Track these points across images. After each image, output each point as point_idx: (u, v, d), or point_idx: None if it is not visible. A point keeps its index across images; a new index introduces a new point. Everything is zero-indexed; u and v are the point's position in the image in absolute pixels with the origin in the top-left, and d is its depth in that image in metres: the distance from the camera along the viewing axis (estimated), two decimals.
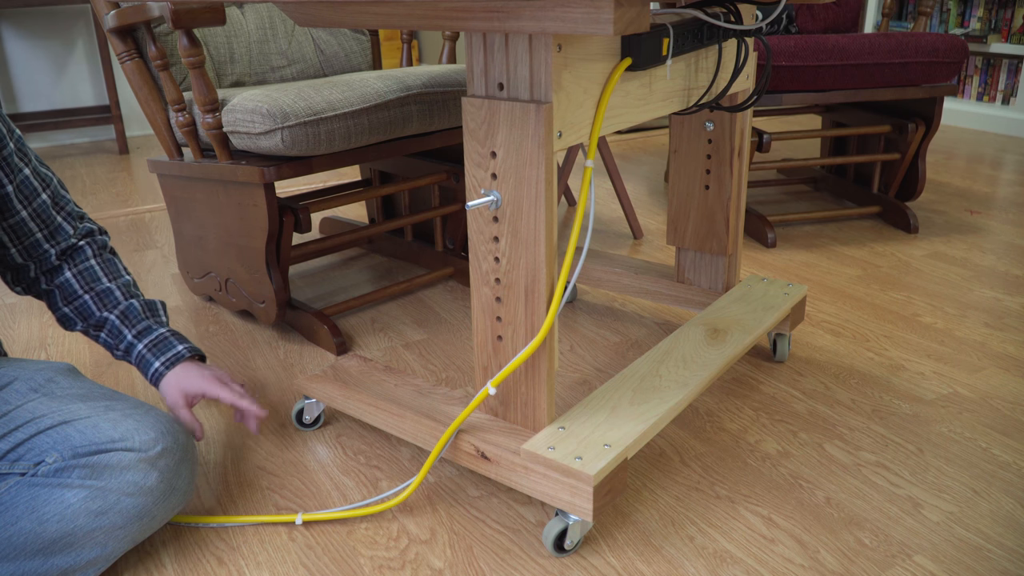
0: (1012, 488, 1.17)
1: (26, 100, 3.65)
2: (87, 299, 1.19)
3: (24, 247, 1.15)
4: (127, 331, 1.19)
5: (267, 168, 1.50)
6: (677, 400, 1.14)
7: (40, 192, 1.14)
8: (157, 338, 1.19)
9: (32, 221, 1.14)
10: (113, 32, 1.66)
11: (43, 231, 1.15)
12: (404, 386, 1.26)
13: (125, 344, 1.19)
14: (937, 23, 3.74)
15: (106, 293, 1.19)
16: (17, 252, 1.15)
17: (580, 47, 0.97)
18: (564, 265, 0.99)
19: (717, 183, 1.47)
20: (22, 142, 1.13)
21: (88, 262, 1.19)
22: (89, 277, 1.19)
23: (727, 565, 1.03)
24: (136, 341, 1.19)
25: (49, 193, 1.16)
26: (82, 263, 1.19)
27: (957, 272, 1.96)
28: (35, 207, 1.14)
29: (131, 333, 1.19)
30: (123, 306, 1.19)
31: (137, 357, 1.19)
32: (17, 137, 1.12)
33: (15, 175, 1.10)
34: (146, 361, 1.18)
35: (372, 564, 1.05)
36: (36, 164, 1.15)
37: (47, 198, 1.15)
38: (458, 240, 1.97)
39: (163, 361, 1.18)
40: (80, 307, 1.19)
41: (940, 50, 2.02)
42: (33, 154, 1.16)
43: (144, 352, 1.18)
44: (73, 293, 1.18)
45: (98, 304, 1.19)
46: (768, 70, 1.26)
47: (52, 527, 0.93)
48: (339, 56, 2.07)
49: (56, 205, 1.17)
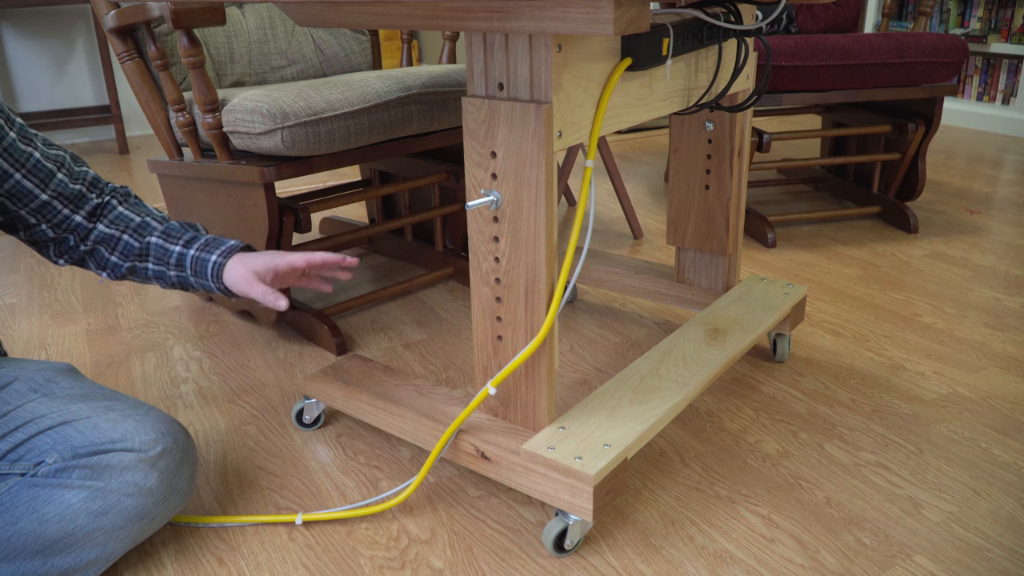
0: (1012, 488, 1.17)
1: (26, 100, 3.65)
2: (125, 238, 1.18)
3: (54, 224, 1.16)
4: (173, 246, 1.18)
5: (267, 168, 1.50)
6: (677, 400, 1.14)
7: (55, 172, 1.14)
8: (207, 240, 1.18)
9: (56, 201, 1.15)
10: (113, 32, 1.66)
11: (69, 207, 1.16)
12: (404, 386, 1.26)
13: (175, 257, 1.17)
14: (937, 23, 3.74)
15: (142, 226, 1.19)
16: (49, 228, 1.16)
17: (580, 47, 0.97)
18: (564, 265, 0.99)
19: (717, 183, 1.47)
20: (25, 129, 1.14)
21: (116, 210, 1.20)
22: (121, 221, 1.19)
23: (727, 565, 1.03)
24: (186, 249, 1.17)
25: (64, 172, 1.16)
26: (111, 212, 1.20)
27: (957, 272, 1.96)
28: (54, 187, 1.14)
29: (178, 245, 1.18)
30: (162, 228, 1.19)
31: (192, 261, 1.17)
32: (19, 126, 1.12)
33: (23, 162, 1.11)
34: (202, 261, 1.17)
35: (372, 564, 1.05)
36: (44, 148, 1.15)
37: (63, 177, 1.15)
38: (458, 240, 1.97)
39: (219, 253, 1.17)
40: (123, 248, 1.18)
41: (940, 50, 2.02)
42: (41, 138, 1.16)
43: (197, 254, 1.17)
44: (111, 238, 1.18)
45: (137, 236, 1.18)
46: (768, 70, 1.26)
47: (52, 527, 0.93)
48: (339, 56, 2.07)
49: (74, 179, 1.17)
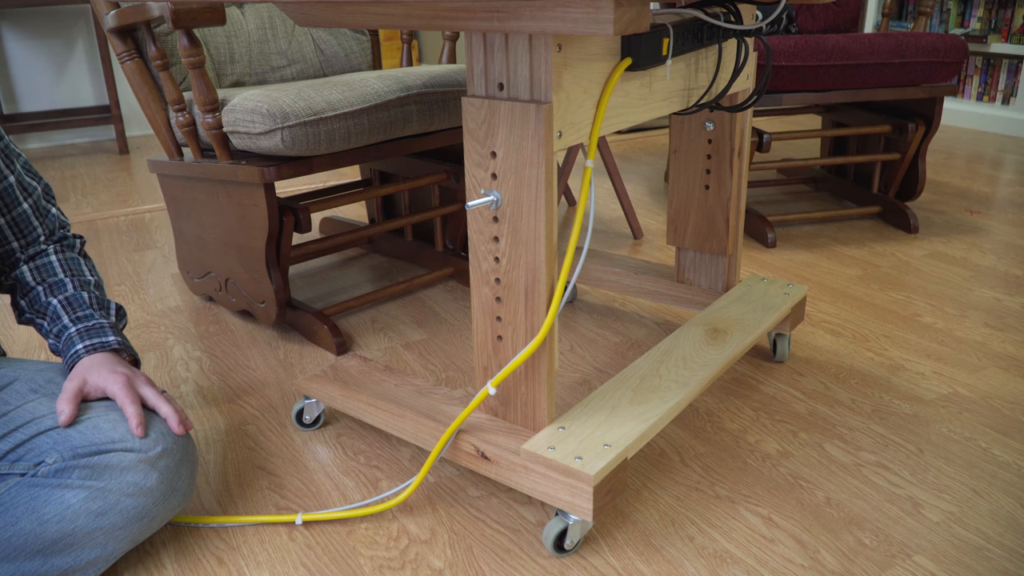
0: (1012, 488, 1.17)
1: (26, 100, 3.65)
2: (39, 290, 1.13)
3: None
4: (65, 315, 1.10)
5: (267, 168, 1.50)
6: (677, 400, 1.14)
7: (21, 201, 1.13)
8: (94, 325, 1.10)
9: (9, 229, 1.12)
10: (113, 32, 1.66)
11: (19, 240, 1.14)
12: (404, 386, 1.26)
13: (59, 327, 1.09)
14: (937, 23, 3.74)
15: (58, 284, 1.13)
16: None
17: (580, 47, 0.97)
18: (564, 265, 0.99)
19: (717, 183, 1.47)
20: (10, 148, 1.12)
21: (47, 258, 1.15)
22: (45, 271, 1.14)
23: (727, 565, 1.03)
24: (71, 324, 1.09)
25: (31, 203, 1.14)
26: (40, 259, 1.15)
27: (957, 272, 1.96)
28: (14, 216, 1.12)
29: (69, 317, 1.10)
30: (70, 294, 1.12)
31: (65, 339, 1.08)
32: (5, 143, 1.12)
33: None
34: (71, 342, 1.07)
35: (372, 564, 1.05)
36: (21, 173, 1.14)
37: (28, 208, 1.14)
38: (458, 240, 1.97)
39: (86, 345, 1.07)
40: (32, 299, 1.13)
41: (940, 50, 2.02)
42: (21, 162, 1.15)
43: (73, 334, 1.08)
44: (26, 285, 1.14)
45: (47, 293, 1.13)
46: (768, 70, 1.26)
47: (52, 527, 0.93)
48: (339, 56, 2.07)
49: (38, 214, 1.15)
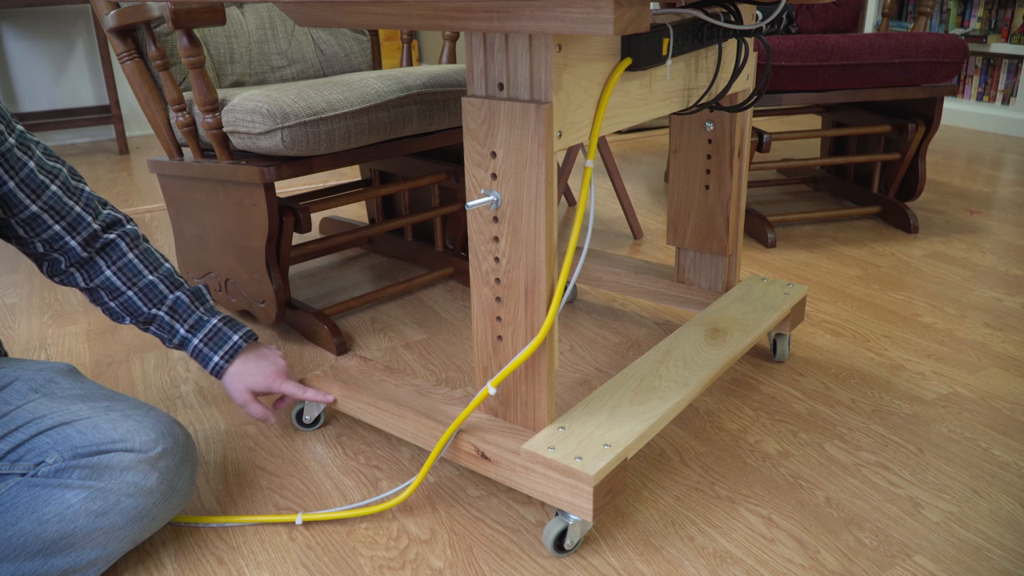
0: (1012, 488, 1.17)
1: (26, 100, 3.65)
2: (131, 295, 1.20)
3: (44, 240, 1.15)
4: (179, 326, 1.21)
5: (267, 168, 1.50)
6: (677, 400, 1.14)
7: (48, 184, 1.13)
8: (211, 331, 1.22)
9: (46, 213, 1.13)
10: (113, 32, 1.66)
11: (60, 223, 1.15)
12: (404, 386, 1.26)
13: (179, 339, 1.22)
14: (937, 23, 3.74)
15: (150, 287, 1.20)
16: (40, 244, 1.15)
17: (580, 47, 0.97)
18: (564, 265, 0.99)
19: (717, 183, 1.47)
20: (25, 136, 1.12)
21: (126, 257, 1.20)
22: (130, 272, 1.20)
23: (727, 565, 1.03)
24: (190, 336, 1.21)
25: (59, 184, 1.15)
26: (120, 259, 1.20)
27: (957, 272, 1.96)
28: (45, 199, 1.13)
29: (184, 327, 1.21)
30: (170, 300, 1.21)
31: (194, 351, 1.22)
32: (19, 132, 1.11)
33: (18, 170, 1.10)
34: (204, 356, 1.22)
35: (372, 564, 1.05)
36: (42, 158, 1.14)
37: (57, 189, 1.14)
38: (458, 240, 1.97)
39: (222, 355, 1.22)
40: (126, 303, 1.20)
41: (940, 50, 2.02)
42: (41, 148, 1.15)
43: (201, 347, 1.21)
44: (117, 290, 1.20)
45: (144, 300, 1.20)
46: (768, 70, 1.26)
47: (52, 527, 0.93)
48: (339, 56, 2.07)
49: (70, 194, 1.16)
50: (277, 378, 1.24)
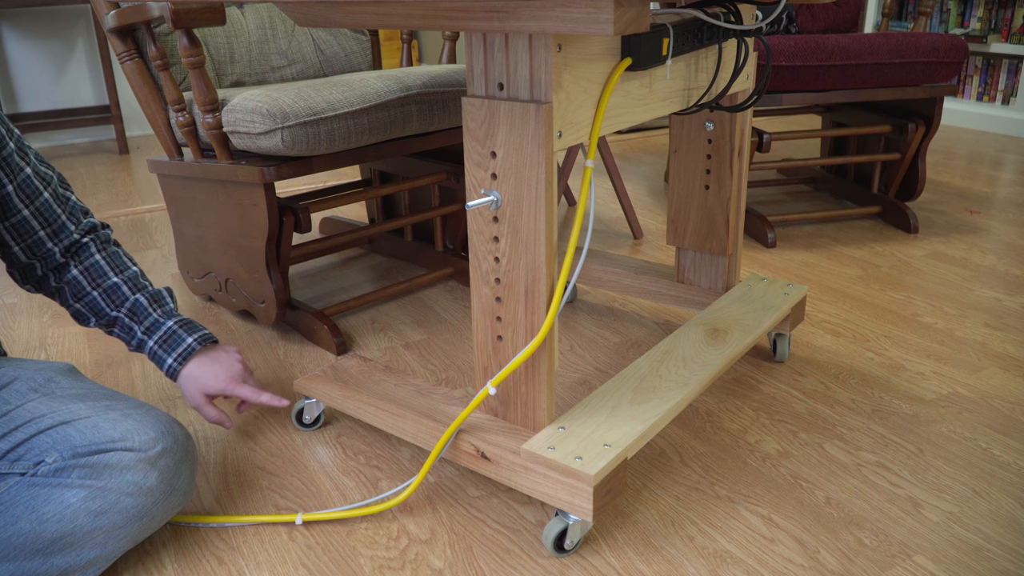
0: (1012, 488, 1.17)
1: (26, 100, 3.65)
2: (95, 296, 1.20)
3: (27, 245, 1.16)
4: (136, 327, 1.21)
5: (267, 168, 1.50)
6: (677, 400, 1.14)
7: (42, 191, 1.15)
8: (166, 333, 1.21)
9: (34, 219, 1.15)
10: (113, 32, 1.66)
11: (45, 229, 1.16)
12: (404, 386, 1.26)
13: (136, 340, 1.22)
14: (937, 23, 3.74)
15: (113, 289, 1.21)
16: (21, 251, 1.16)
17: (580, 47, 0.97)
18: (564, 265, 0.99)
19: (717, 183, 1.47)
20: (22, 142, 1.14)
21: (93, 258, 1.21)
22: (96, 273, 1.20)
23: (727, 565, 1.03)
24: (146, 338, 1.21)
25: (51, 191, 1.16)
26: (87, 259, 1.20)
27: (957, 272, 1.96)
28: (37, 206, 1.14)
29: (140, 329, 1.21)
30: (130, 302, 1.21)
31: (150, 353, 1.22)
32: (17, 137, 1.13)
33: (16, 175, 1.11)
34: (159, 357, 1.21)
35: (372, 564, 1.05)
36: (36, 163, 1.15)
37: (49, 196, 1.16)
38: (458, 240, 1.97)
39: (175, 357, 1.21)
40: (90, 304, 1.21)
41: (940, 50, 2.02)
42: (34, 153, 1.16)
43: (156, 349, 1.21)
44: (82, 290, 1.20)
45: (107, 301, 1.20)
46: (768, 70, 1.26)
47: (52, 527, 0.93)
48: (339, 56, 2.07)
49: (59, 202, 1.17)
50: (231, 382, 1.22)
